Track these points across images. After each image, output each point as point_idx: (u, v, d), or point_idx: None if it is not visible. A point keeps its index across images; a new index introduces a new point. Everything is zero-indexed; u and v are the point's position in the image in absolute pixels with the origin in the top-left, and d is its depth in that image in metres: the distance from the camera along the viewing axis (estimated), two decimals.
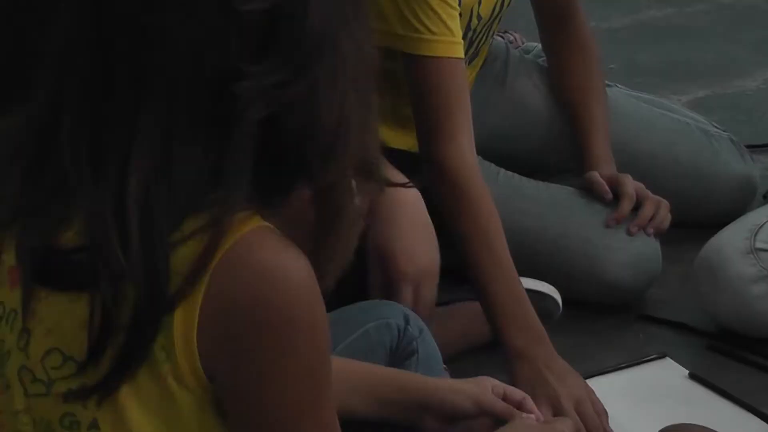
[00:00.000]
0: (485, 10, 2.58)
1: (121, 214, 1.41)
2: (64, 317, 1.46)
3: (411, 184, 2.09)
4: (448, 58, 2.36)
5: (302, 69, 1.42)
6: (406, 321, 2.01)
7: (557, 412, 2.25)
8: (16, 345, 1.48)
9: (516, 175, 2.63)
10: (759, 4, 3.71)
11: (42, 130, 1.48)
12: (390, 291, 2.27)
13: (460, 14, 2.51)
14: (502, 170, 2.61)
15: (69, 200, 1.43)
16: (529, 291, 2.42)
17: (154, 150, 1.43)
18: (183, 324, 1.42)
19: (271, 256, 1.43)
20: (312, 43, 1.43)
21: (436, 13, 2.33)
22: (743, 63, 3.41)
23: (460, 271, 2.36)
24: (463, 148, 2.41)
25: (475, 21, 2.56)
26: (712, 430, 1.95)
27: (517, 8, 2.75)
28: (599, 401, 2.30)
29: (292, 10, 1.42)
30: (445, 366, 2.12)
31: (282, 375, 1.43)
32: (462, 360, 2.31)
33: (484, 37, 2.68)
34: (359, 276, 2.02)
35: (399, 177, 2.06)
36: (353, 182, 1.54)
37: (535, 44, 2.84)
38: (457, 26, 2.45)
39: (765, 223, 2.51)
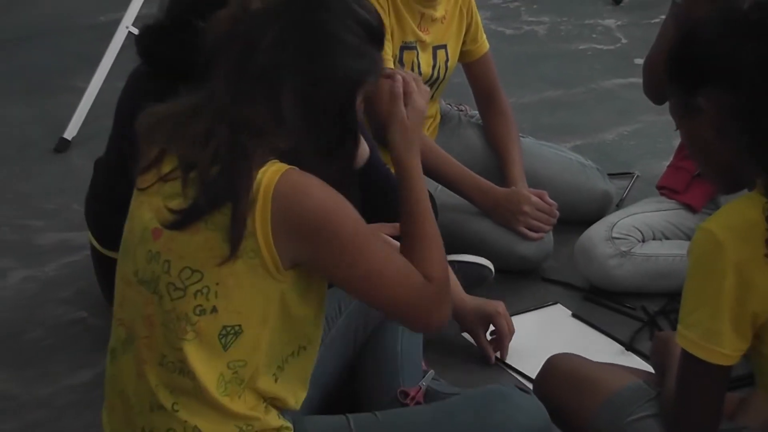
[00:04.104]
0: (425, 68, 2.54)
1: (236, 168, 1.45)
2: (187, 247, 1.47)
3: None
4: None
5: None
6: None
7: None
8: (162, 271, 1.48)
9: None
10: (615, 89, 3.73)
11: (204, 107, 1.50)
12: None
13: (403, 64, 2.48)
14: (440, 186, 2.52)
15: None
16: (472, 263, 2.43)
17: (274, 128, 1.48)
18: (262, 235, 1.44)
19: (306, 180, 1.46)
20: None
21: None
22: (604, 124, 3.42)
23: None
24: None
25: (416, 71, 2.50)
26: (587, 359, 1.88)
27: (466, 92, 2.79)
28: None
29: None
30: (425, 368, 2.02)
31: (340, 243, 1.47)
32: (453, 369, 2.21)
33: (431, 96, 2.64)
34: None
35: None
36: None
37: (476, 112, 2.80)
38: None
39: (618, 221, 2.52)
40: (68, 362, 2.31)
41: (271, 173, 1.46)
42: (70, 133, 3.28)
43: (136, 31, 3.42)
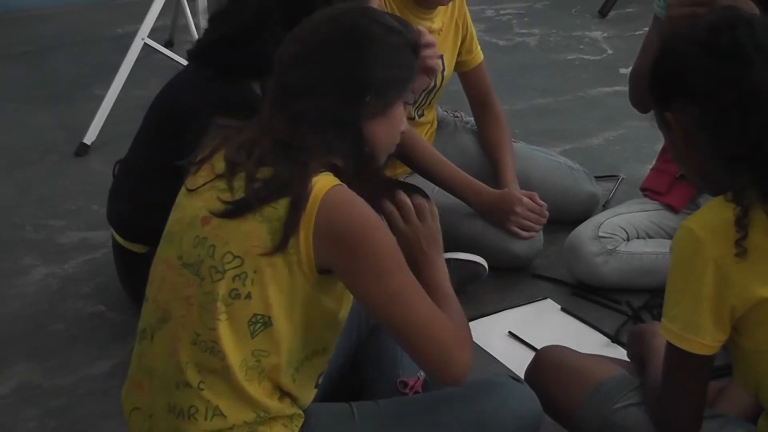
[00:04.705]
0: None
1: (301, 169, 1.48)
2: (234, 233, 1.49)
3: None
4: None
5: None
6: None
7: None
8: (206, 254, 1.49)
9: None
10: (601, 97, 3.73)
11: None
12: None
13: None
14: (437, 188, 2.52)
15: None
16: (467, 261, 2.43)
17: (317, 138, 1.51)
18: (304, 236, 1.46)
19: (354, 196, 1.48)
20: None
21: None
22: (591, 130, 3.42)
23: None
24: None
25: None
26: (575, 350, 1.88)
27: (462, 99, 2.79)
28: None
29: None
30: None
31: (375, 259, 1.48)
32: None
33: (426, 103, 2.64)
34: None
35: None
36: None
37: (471, 118, 2.80)
38: None
39: (604, 221, 2.52)
40: (87, 353, 2.31)
41: (323, 182, 1.48)
42: (89, 138, 3.29)
43: (151, 42, 3.44)
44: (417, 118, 2.64)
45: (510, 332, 2.35)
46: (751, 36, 1.48)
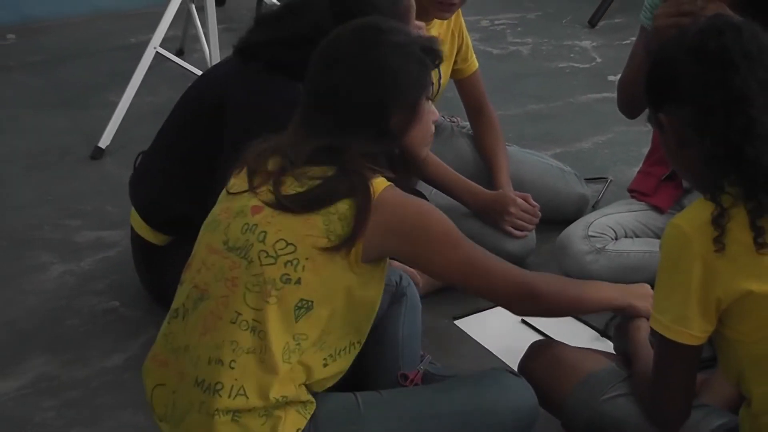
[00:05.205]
0: None
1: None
2: (287, 222, 1.53)
3: None
4: None
5: None
6: (400, 276, 1.93)
7: None
8: (256, 240, 1.51)
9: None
10: (590, 103, 3.72)
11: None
12: None
13: None
14: (434, 189, 2.53)
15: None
16: None
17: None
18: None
19: (399, 194, 1.53)
20: None
21: None
22: (581, 134, 3.41)
23: None
24: None
25: None
26: (566, 344, 1.87)
27: (458, 104, 2.78)
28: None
29: None
30: (422, 353, 2.01)
31: (438, 235, 1.59)
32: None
33: None
34: None
35: None
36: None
37: (467, 123, 2.80)
38: None
39: (594, 221, 2.52)
40: (102, 347, 2.31)
41: (376, 183, 1.55)
42: (104, 142, 3.28)
43: (163, 51, 3.44)
44: None
45: (523, 320, 2.33)
46: (738, 42, 1.49)
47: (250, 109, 2.03)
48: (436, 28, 2.57)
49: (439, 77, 2.56)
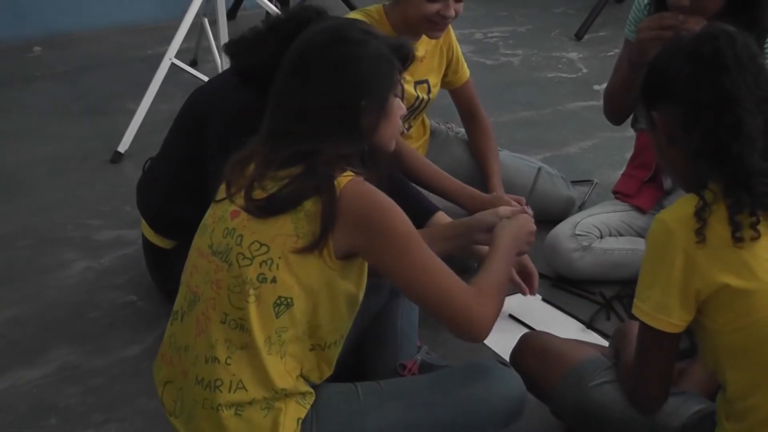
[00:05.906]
0: (407, 98, 2.49)
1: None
2: (260, 225, 1.49)
3: None
4: None
5: None
6: None
7: None
8: (234, 243, 1.49)
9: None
10: (577, 110, 3.72)
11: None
12: None
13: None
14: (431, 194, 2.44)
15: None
16: (458, 255, 2.32)
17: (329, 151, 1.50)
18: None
19: (363, 187, 1.48)
20: None
21: None
22: (568, 140, 3.41)
23: None
24: None
25: None
26: (554, 335, 1.86)
27: (453, 111, 2.77)
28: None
29: None
30: (419, 344, 1.99)
31: (393, 234, 1.48)
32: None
33: (413, 117, 2.61)
34: None
35: None
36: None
37: (461, 129, 2.79)
38: None
39: (580, 220, 2.52)
40: (121, 338, 2.31)
41: (341, 178, 1.48)
42: (123, 147, 3.28)
43: (177, 62, 3.44)
44: (406, 131, 2.62)
45: (510, 314, 2.33)
46: (731, 47, 1.49)
47: (227, 120, 1.99)
48: (423, 46, 2.53)
49: (428, 91, 2.59)
